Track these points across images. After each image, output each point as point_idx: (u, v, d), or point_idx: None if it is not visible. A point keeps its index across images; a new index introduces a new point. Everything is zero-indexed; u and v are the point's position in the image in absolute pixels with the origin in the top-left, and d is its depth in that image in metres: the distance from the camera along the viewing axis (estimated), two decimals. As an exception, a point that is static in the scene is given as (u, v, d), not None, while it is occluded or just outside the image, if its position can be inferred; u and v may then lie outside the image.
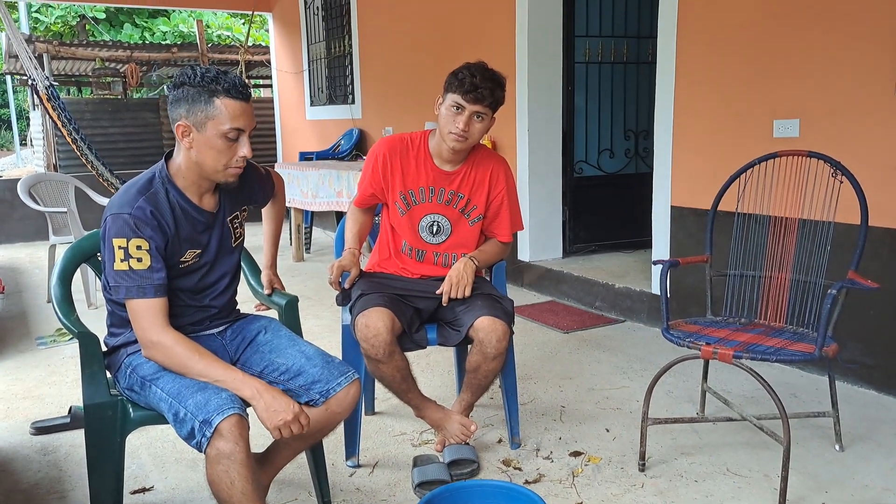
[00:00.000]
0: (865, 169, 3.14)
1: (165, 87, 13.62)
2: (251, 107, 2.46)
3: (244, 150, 2.44)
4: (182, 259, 2.53)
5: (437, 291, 3.20)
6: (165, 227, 2.44)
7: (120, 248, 2.36)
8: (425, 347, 3.22)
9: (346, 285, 3.25)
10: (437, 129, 3.26)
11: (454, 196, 3.30)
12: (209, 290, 2.67)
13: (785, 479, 2.85)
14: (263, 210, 3.14)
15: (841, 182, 3.13)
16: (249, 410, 2.34)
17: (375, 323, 2.99)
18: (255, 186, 2.84)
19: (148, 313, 2.38)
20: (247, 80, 12.03)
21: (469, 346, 3.18)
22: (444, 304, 3.21)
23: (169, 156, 2.54)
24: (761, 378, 2.88)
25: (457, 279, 3.18)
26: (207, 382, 2.33)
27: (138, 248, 2.37)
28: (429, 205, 3.30)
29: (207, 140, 2.40)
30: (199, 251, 2.58)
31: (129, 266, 2.36)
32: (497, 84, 3.14)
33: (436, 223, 3.32)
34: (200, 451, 2.24)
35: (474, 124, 3.14)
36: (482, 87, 3.07)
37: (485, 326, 3.06)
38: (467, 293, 3.17)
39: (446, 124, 3.15)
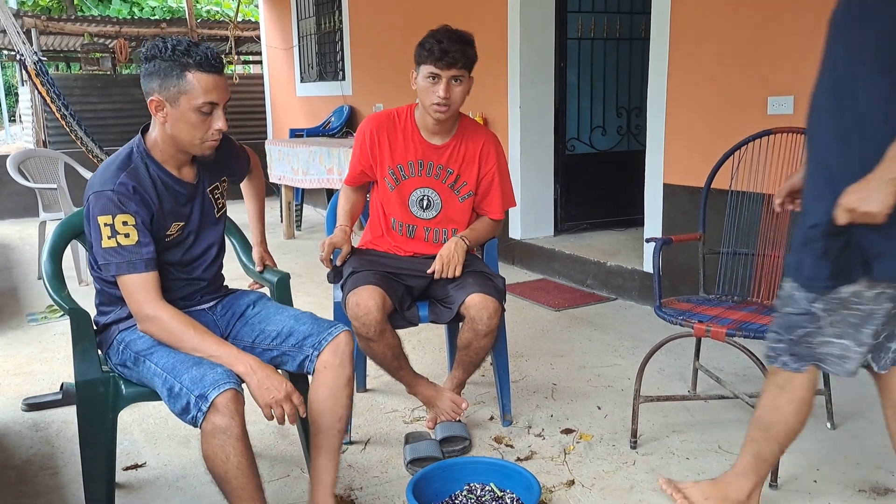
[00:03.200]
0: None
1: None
2: (224, 79, 2.44)
3: (219, 123, 2.43)
4: (168, 232, 2.52)
5: (429, 270, 3.19)
6: (149, 200, 2.43)
7: (106, 225, 2.35)
8: (417, 325, 3.21)
9: (338, 262, 3.24)
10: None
11: (443, 171, 3.29)
12: (197, 262, 2.66)
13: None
14: (243, 188, 3.12)
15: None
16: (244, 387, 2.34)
17: (366, 301, 2.98)
18: (230, 159, 2.83)
19: (141, 288, 2.37)
20: (235, 55, 11.96)
21: (460, 324, 3.18)
22: (436, 280, 3.20)
23: (145, 130, 2.53)
24: (755, 356, 2.88)
25: (448, 258, 3.17)
26: (202, 357, 2.33)
27: (124, 223, 2.35)
28: (417, 179, 3.29)
29: (181, 114, 2.38)
30: (182, 223, 2.57)
31: (117, 242, 2.35)
32: (466, 43, 3.12)
33: (426, 197, 3.31)
34: (195, 426, 2.23)
35: (454, 89, 3.12)
36: (452, 50, 3.06)
37: (476, 303, 3.06)
38: (458, 273, 3.17)
39: (426, 96, 3.14)
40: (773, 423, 2.44)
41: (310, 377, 2.58)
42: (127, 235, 2.35)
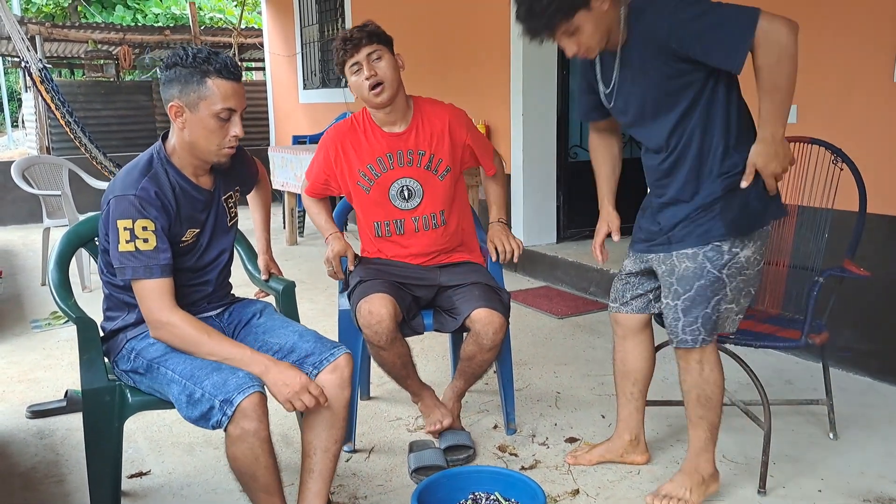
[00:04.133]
0: (862, 155, 3.15)
1: (158, 69, 13.56)
2: (242, 87, 2.48)
3: (236, 129, 2.46)
4: (183, 238, 2.54)
5: (494, 258, 3.31)
6: (168, 206, 2.46)
7: (125, 229, 2.37)
8: (422, 333, 3.22)
9: (350, 267, 3.24)
10: None
11: (415, 155, 3.27)
12: (208, 268, 2.68)
13: (765, 464, 2.90)
14: (250, 198, 3.14)
15: (841, 169, 3.13)
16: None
17: (379, 310, 2.98)
18: (244, 168, 2.87)
19: (155, 294, 2.39)
20: (239, 63, 11.99)
21: (465, 335, 3.18)
22: (442, 290, 3.22)
23: (165, 137, 2.56)
24: (744, 363, 2.91)
25: (506, 240, 3.31)
26: (219, 362, 2.35)
27: (144, 228, 2.38)
28: (392, 172, 3.26)
29: (200, 120, 2.42)
30: (197, 230, 2.59)
31: (136, 247, 2.37)
32: (363, 25, 3.18)
33: (405, 188, 3.28)
34: (218, 429, 2.26)
35: (377, 65, 3.13)
36: (351, 35, 3.14)
37: (482, 318, 3.05)
38: (520, 248, 3.30)
39: (361, 89, 3.16)
40: (711, 394, 2.72)
41: None
42: (146, 241, 2.38)
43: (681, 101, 2.57)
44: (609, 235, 3.21)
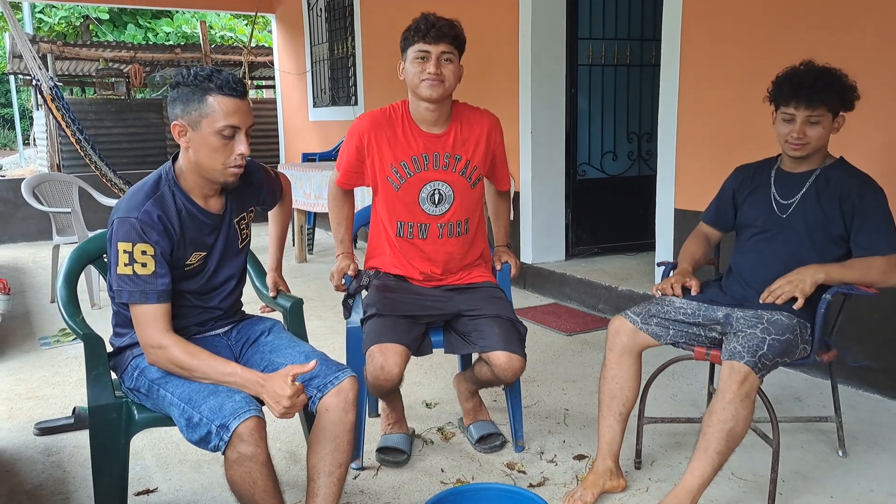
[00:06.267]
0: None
1: (168, 87, 13.64)
2: (247, 103, 2.44)
3: (241, 147, 2.42)
4: (187, 262, 2.52)
5: (513, 274, 3.47)
6: (171, 230, 2.44)
7: (125, 252, 2.36)
8: (429, 354, 3.20)
9: (353, 283, 3.22)
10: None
11: (451, 159, 3.19)
12: (216, 292, 2.66)
13: (774, 482, 2.86)
14: (270, 213, 3.13)
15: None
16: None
17: (391, 369, 2.91)
18: (263, 188, 2.84)
19: (150, 318, 2.38)
20: (249, 81, 12.05)
21: (481, 361, 3.17)
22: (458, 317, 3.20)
23: (176, 157, 2.55)
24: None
25: (513, 260, 3.49)
26: (216, 385, 2.34)
27: (143, 253, 2.36)
28: (426, 173, 3.17)
29: (203, 139, 2.40)
30: (204, 253, 2.58)
31: (134, 271, 2.36)
32: (450, 21, 3.05)
33: (437, 191, 3.20)
34: (217, 452, 2.25)
35: (445, 67, 3.04)
36: (438, 24, 3.00)
37: (502, 364, 3.02)
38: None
39: (415, 76, 3.04)
40: (741, 431, 2.68)
41: None
42: (144, 265, 2.37)
43: (836, 250, 2.99)
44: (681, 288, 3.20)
